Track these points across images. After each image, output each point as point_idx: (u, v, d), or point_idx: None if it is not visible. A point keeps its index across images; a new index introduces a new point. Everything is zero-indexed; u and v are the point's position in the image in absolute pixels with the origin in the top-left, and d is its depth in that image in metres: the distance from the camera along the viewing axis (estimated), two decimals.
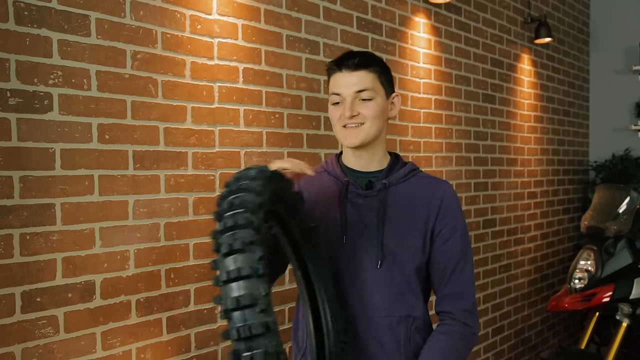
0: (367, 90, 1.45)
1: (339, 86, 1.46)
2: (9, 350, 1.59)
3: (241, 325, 1.03)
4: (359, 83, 1.44)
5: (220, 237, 1.10)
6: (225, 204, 1.14)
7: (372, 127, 1.46)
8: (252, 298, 1.04)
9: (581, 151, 5.01)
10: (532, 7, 4.17)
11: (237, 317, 1.04)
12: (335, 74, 1.47)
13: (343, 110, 1.45)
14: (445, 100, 3.32)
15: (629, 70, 4.87)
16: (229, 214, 1.12)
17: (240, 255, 1.07)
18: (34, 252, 1.63)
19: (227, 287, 1.06)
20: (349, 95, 1.45)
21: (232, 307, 1.04)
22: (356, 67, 1.44)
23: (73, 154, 1.72)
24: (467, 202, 3.49)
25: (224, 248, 1.08)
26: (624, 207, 3.44)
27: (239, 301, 1.04)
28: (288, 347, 2.39)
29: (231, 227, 1.10)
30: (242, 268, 1.05)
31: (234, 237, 1.08)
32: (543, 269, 4.40)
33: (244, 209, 1.12)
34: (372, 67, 1.46)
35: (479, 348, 3.65)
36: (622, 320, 3.12)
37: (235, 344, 1.04)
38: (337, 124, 1.48)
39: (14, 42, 1.60)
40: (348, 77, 1.45)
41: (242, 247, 1.07)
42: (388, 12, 2.91)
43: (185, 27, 2.02)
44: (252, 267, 1.06)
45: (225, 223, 1.10)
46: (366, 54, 1.50)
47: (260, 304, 1.04)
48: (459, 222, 1.51)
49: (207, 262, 2.09)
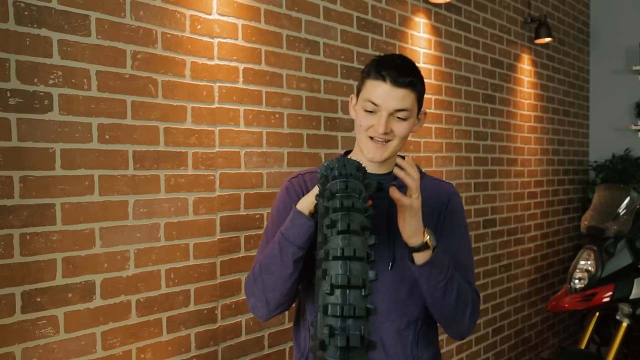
0: (406, 110, 1.39)
1: (379, 97, 1.38)
2: (9, 350, 1.59)
3: (345, 303, 1.04)
4: (402, 102, 1.37)
5: (336, 215, 1.11)
6: (339, 183, 1.15)
7: (398, 145, 1.42)
8: (361, 280, 1.05)
9: (581, 151, 5.01)
10: (532, 7, 4.17)
11: (342, 295, 1.05)
12: (377, 81, 1.38)
13: (376, 123, 1.39)
14: (446, 100, 3.32)
15: (629, 70, 4.87)
16: (344, 194, 1.13)
17: (356, 237, 1.09)
18: (34, 252, 1.64)
19: (338, 263, 1.07)
20: (386, 110, 1.38)
21: (340, 284, 1.05)
22: (403, 86, 1.37)
23: (73, 154, 1.72)
24: (467, 202, 3.49)
25: (341, 225, 1.09)
26: (624, 207, 3.44)
27: (350, 280, 1.05)
28: (288, 347, 2.39)
29: (348, 207, 1.11)
30: (358, 249, 1.07)
31: (351, 217, 1.10)
32: (543, 269, 4.40)
33: (358, 196, 1.14)
34: (417, 87, 1.41)
35: (479, 348, 3.65)
36: (622, 320, 3.12)
37: (332, 320, 1.04)
38: (364, 133, 1.42)
39: (14, 42, 1.60)
40: (392, 91, 1.37)
41: (359, 229, 1.09)
42: (388, 12, 2.91)
43: (185, 27, 2.02)
44: (365, 251, 1.08)
45: (342, 202, 1.12)
46: (414, 70, 1.41)
47: (367, 288, 1.06)
48: (462, 223, 1.51)
49: (207, 262, 2.09)
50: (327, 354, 1.03)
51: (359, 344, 1.02)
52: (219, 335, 2.14)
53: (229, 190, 2.16)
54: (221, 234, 2.13)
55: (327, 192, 1.16)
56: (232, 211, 2.17)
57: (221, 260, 2.14)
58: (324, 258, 1.09)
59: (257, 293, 1.40)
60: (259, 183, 2.27)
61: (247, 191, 2.23)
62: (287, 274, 1.35)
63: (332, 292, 1.05)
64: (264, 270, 1.38)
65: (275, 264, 1.35)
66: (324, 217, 1.14)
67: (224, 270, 2.14)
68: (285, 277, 1.35)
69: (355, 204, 1.12)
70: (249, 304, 1.45)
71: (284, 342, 2.37)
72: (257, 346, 2.27)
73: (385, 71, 1.37)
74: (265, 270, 1.38)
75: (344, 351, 1.02)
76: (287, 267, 1.34)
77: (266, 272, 1.37)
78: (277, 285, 1.37)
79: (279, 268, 1.35)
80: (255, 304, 1.43)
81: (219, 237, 2.13)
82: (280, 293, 1.38)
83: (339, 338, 1.02)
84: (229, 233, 2.16)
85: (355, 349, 1.02)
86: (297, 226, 1.32)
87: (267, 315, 1.43)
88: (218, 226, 2.12)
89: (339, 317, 1.04)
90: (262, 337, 2.29)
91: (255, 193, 2.25)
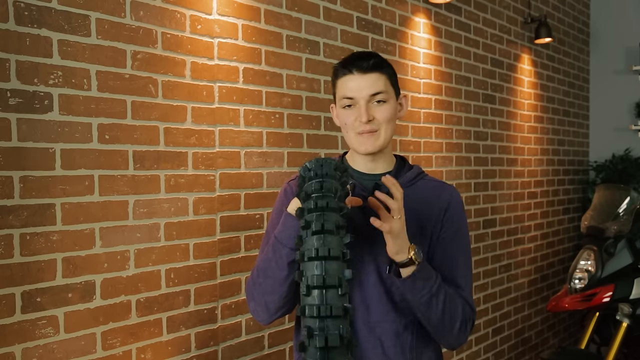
0: (381, 93, 1.39)
1: (351, 89, 1.39)
2: (9, 350, 1.59)
3: (322, 304, 1.04)
4: (374, 86, 1.39)
5: (311, 215, 1.11)
6: (314, 184, 1.15)
7: (386, 131, 1.42)
8: (337, 280, 1.06)
9: (581, 151, 5.01)
10: (532, 7, 4.17)
11: (319, 295, 1.05)
12: (345, 77, 1.40)
13: (357, 114, 1.39)
14: (446, 100, 3.32)
15: (629, 70, 4.87)
16: (319, 194, 1.13)
17: (330, 236, 1.09)
18: (34, 252, 1.64)
19: (313, 264, 1.07)
20: (363, 99, 1.38)
21: (316, 285, 1.05)
22: (370, 69, 1.39)
23: (73, 154, 1.72)
24: (467, 202, 3.49)
25: (315, 226, 1.09)
26: (624, 207, 3.44)
27: (325, 280, 1.05)
28: (288, 347, 2.39)
29: (322, 208, 1.11)
30: (332, 249, 1.07)
31: (326, 217, 1.10)
32: (543, 269, 4.40)
33: (334, 195, 1.14)
34: (384, 68, 1.41)
35: (479, 348, 3.65)
36: (622, 320, 3.12)
37: (310, 321, 1.04)
38: (351, 130, 1.42)
39: (14, 42, 1.60)
40: (361, 79, 1.38)
41: (333, 229, 1.09)
42: (388, 12, 2.91)
43: (186, 27, 2.02)
44: (341, 250, 1.08)
45: (316, 203, 1.12)
46: (376, 55, 1.43)
47: (343, 287, 1.06)
48: (462, 226, 1.49)
49: (207, 262, 2.09)
50: (308, 355, 1.03)
51: (338, 344, 1.02)
52: (219, 335, 2.14)
53: (229, 190, 2.16)
54: (221, 234, 2.13)
55: (302, 193, 1.16)
56: (232, 211, 2.17)
57: (221, 260, 2.14)
58: (301, 259, 1.10)
59: (256, 297, 1.41)
60: (259, 183, 2.27)
61: (247, 191, 2.23)
62: (282, 277, 1.35)
63: (309, 293, 1.06)
64: (262, 274, 1.39)
65: (271, 267, 1.36)
66: (300, 218, 1.15)
67: (224, 270, 2.14)
68: (281, 280, 1.35)
69: (330, 204, 1.12)
70: (250, 308, 1.46)
71: (284, 342, 2.37)
72: (257, 346, 2.27)
73: (349, 64, 1.40)
74: (262, 274, 1.38)
75: (323, 351, 1.02)
76: (282, 270, 1.34)
77: (263, 276, 1.38)
78: (275, 289, 1.37)
79: (275, 271, 1.35)
80: (255, 308, 1.43)
81: (219, 237, 2.13)
82: (279, 296, 1.38)
83: (318, 338, 1.02)
84: (229, 233, 2.16)
85: (335, 348, 1.03)
86: (288, 228, 1.32)
87: (268, 319, 1.43)
88: (218, 226, 2.12)
89: (316, 318, 1.04)
90: (262, 337, 2.29)
91: (255, 193, 2.25)
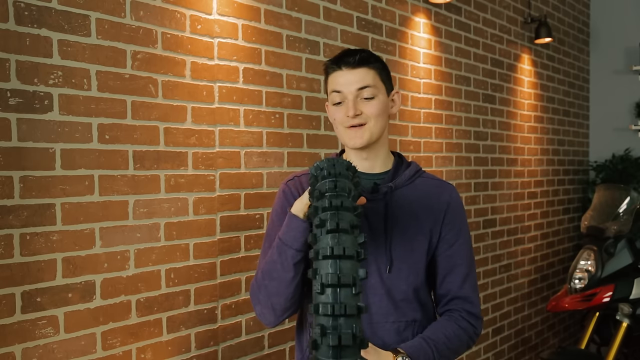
0: (369, 87, 1.41)
1: (339, 84, 1.42)
2: (9, 350, 1.59)
3: (336, 302, 1.04)
4: (361, 80, 1.40)
5: (325, 214, 1.11)
6: (328, 183, 1.16)
7: (375, 125, 1.42)
8: (351, 279, 1.06)
9: (581, 151, 5.01)
10: (532, 7, 4.17)
11: (333, 294, 1.05)
12: (334, 73, 1.43)
13: (345, 109, 1.41)
14: (446, 100, 3.32)
15: (629, 70, 4.87)
16: (333, 193, 1.14)
17: (345, 235, 1.09)
18: (34, 252, 1.64)
19: (328, 262, 1.07)
20: (350, 94, 1.41)
21: (331, 283, 1.05)
22: (357, 64, 1.41)
23: (73, 154, 1.72)
24: (467, 202, 3.49)
25: (330, 225, 1.09)
26: (624, 207, 3.44)
27: (340, 279, 1.05)
28: (289, 347, 2.39)
29: (337, 206, 1.12)
30: (347, 248, 1.07)
31: (340, 216, 1.10)
32: (543, 269, 4.40)
33: (347, 195, 1.14)
34: (372, 63, 1.43)
35: (479, 348, 3.65)
36: (622, 320, 3.12)
37: (323, 319, 1.04)
38: (340, 125, 1.44)
39: (14, 42, 1.60)
40: (349, 74, 1.41)
41: (348, 228, 1.10)
42: (388, 12, 2.91)
43: (186, 27, 2.02)
44: (355, 249, 1.09)
45: (331, 201, 1.12)
46: (365, 50, 1.45)
47: (357, 286, 1.06)
48: (463, 226, 1.50)
49: (207, 262, 2.09)
50: (320, 353, 1.03)
51: (351, 342, 1.02)
52: (219, 335, 2.14)
53: (229, 190, 2.16)
54: (221, 234, 2.13)
55: (316, 192, 1.16)
56: (232, 211, 2.17)
57: (221, 260, 2.14)
58: (315, 257, 1.10)
59: (262, 300, 1.41)
60: (259, 183, 2.27)
61: (247, 191, 2.23)
62: (289, 278, 1.35)
63: (323, 292, 1.06)
64: (267, 277, 1.38)
65: (277, 269, 1.35)
66: (313, 217, 1.15)
67: (224, 270, 2.14)
68: (287, 282, 1.35)
69: (344, 203, 1.12)
70: (256, 312, 1.45)
71: (284, 342, 2.37)
72: (257, 346, 2.27)
73: (338, 60, 1.43)
74: (267, 277, 1.38)
75: (336, 350, 1.02)
76: (288, 271, 1.34)
77: (268, 278, 1.38)
78: (281, 290, 1.37)
79: (280, 273, 1.35)
80: (262, 311, 1.43)
81: (219, 237, 2.13)
82: (285, 298, 1.38)
83: (331, 337, 1.02)
84: (229, 233, 2.16)
85: (348, 347, 1.03)
86: (292, 229, 1.32)
87: (275, 321, 1.43)
88: (218, 226, 2.12)
89: (330, 316, 1.04)
90: (262, 337, 2.29)
91: (255, 193, 2.25)
